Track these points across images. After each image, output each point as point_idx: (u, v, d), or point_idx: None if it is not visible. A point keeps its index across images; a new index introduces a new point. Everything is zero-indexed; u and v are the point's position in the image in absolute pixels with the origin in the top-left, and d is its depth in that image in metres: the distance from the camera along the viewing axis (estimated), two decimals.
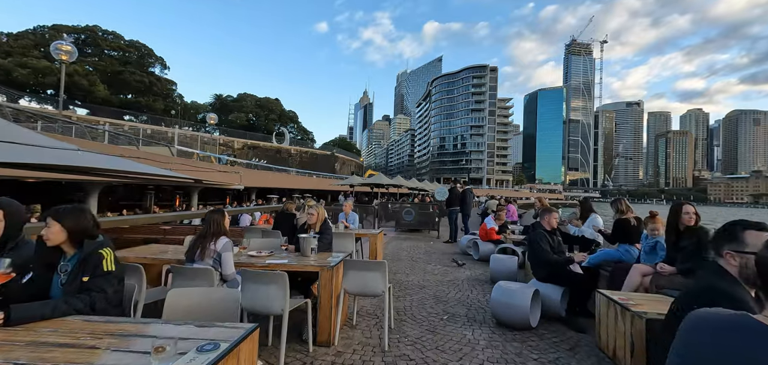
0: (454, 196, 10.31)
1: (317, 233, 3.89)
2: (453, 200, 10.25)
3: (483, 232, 7.44)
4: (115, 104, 51.25)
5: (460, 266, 6.61)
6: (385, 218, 12.47)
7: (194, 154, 18.81)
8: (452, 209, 10.21)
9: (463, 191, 10.65)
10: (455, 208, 10.22)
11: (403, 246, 8.92)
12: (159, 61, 61.60)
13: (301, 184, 31.96)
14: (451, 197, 10.33)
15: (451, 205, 10.25)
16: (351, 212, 6.48)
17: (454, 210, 10.20)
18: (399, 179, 29.49)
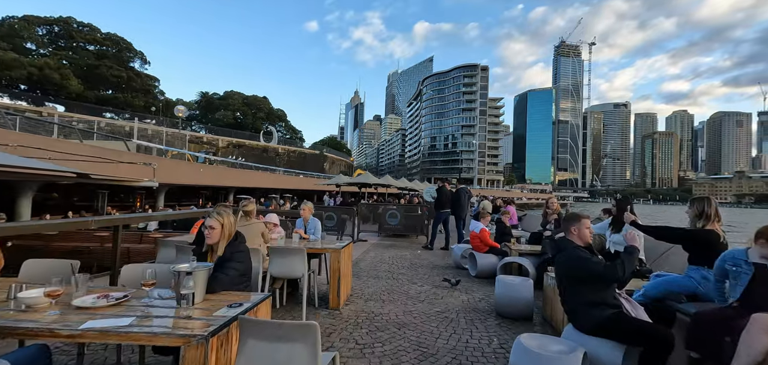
0: (443, 197, 8.91)
1: (220, 259, 2.36)
2: (443, 202, 8.86)
3: (475, 240, 6.01)
4: (91, 100, 48.63)
5: (453, 286, 5.14)
6: (372, 220, 10.96)
7: (154, 149, 17.01)
8: (442, 211, 8.81)
9: (456, 191, 9.23)
10: (445, 211, 8.80)
11: (384, 257, 7.43)
12: (138, 56, 58.95)
13: (283, 183, 30.26)
14: (440, 199, 8.94)
15: (441, 207, 8.83)
16: (311, 219, 4.95)
17: (443, 213, 8.81)
18: (387, 179, 28.09)
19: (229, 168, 25.82)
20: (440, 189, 9.21)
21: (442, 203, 8.87)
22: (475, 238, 6.02)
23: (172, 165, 15.69)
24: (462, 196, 9.16)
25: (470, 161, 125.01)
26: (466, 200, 9.35)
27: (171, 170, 15.35)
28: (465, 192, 9.36)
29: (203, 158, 30.41)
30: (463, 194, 9.25)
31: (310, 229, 4.85)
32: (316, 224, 4.92)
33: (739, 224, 55.26)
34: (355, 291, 4.83)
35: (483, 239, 5.89)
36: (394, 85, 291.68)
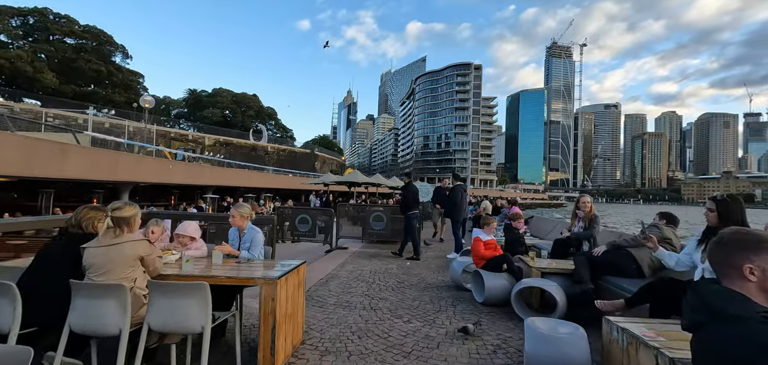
0: (410, 196, 7.44)
1: None
2: (410, 203, 7.38)
3: (476, 254, 4.55)
4: (68, 95, 46.21)
5: (472, 334, 3.29)
6: (359, 223, 9.41)
7: (112, 142, 15.21)
8: (411, 214, 7.36)
9: (452, 189, 7.80)
10: (414, 213, 7.38)
11: (363, 271, 5.91)
12: (120, 50, 56.50)
13: (268, 182, 28.59)
14: (407, 199, 7.42)
15: (408, 209, 7.38)
16: (248, 228, 3.39)
17: (412, 216, 7.36)
18: (378, 178, 26.64)
19: (208, 166, 24.05)
20: (406, 186, 7.60)
21: (409, 204, 7.34)
22: (476, 249, 4.56)
23: (133, 161, 14.00)
24: (458, 195, 7.71)
25: (464, 161, 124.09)
26: (463, 200, 7.87)
27: (132, 167, 13.66)
28: (462, 190, 7.83)
29: (182, 155, 28.59)
30: (460, 192, 7.77)
31: (245, 243, 3.31)
32: (255, 236, 3.38)
33: None
34: (312, 331, 3.33)
35: (482, 252, 4.45)
36: (388, 85, 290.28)
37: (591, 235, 4.64)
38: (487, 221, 4.79)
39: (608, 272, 3.67)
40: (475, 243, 4.56)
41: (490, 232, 4.65)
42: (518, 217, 5.61)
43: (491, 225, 4.76)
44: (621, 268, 3.57)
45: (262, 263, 3.15)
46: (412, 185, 7.63)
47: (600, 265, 3.70)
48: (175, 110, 72.45)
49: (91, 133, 14.01)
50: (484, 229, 4.70)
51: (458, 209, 7.62)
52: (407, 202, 7.32)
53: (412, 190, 7.53)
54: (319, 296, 4.46)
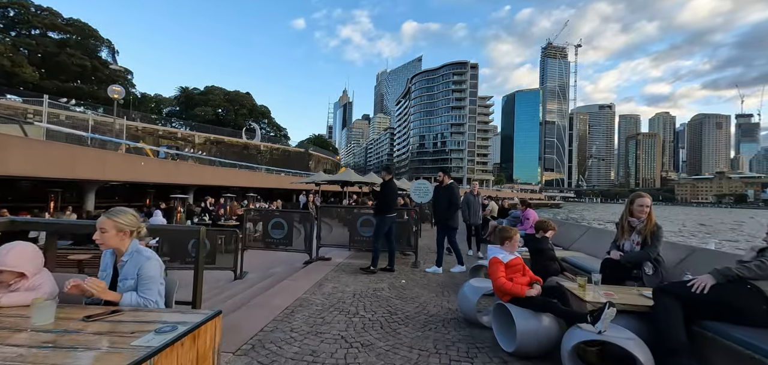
0: (390, 196, 6.06)
1: None
2: (389, 204, 6.00)
3: (498, 284, 3.11)
4: (50, 91, 44.30)
5: None
6: (346, 226, 7.98)
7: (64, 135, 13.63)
8: (387, 217, 5.95)
9: (446, 188, 6.27)
10: (391, 216, 6.05)
11: (344, 295, 4.54)
12: (105, 44, 54.50)
13: (258, 182, 27.12)
14: (386, 199, 5.99)
15: (386, 211, 5.97)
16: (132, 254, 2.00)
17: (388, 220, 5.95)
18: (372, 177, 25.34)
19: (187, 163, 22.52)
20: (386, 185, 6.02)
21: (389, 205, 5.92)
22: (497, 280, 3.14)
23: (96, 157, 12.50)
24: (452, 193, 6.10)
25: (460, 161, 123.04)
26: (457, 198, 6.30)
27: (95, 164, 12.17)
28: (454, 189, 6.25)
29: (164, 153, 27.02)
30: (454, 190, 6.19)
31: (127, 277, 1.94)
32: (144, 265, 1.98)
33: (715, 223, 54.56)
34: None
35: (506, 285, 3.05)
36: (383, 85, 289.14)
37: (656, 256, 3.32)
38: (507, 234, 3.34)
39: (717, 316, 2.36)
40: (494, 267, 3.19)
41: (513, 249, 3.29)
42: (548, 225, 4.25)
43: (514, 239, 3.34)
44: (742, 311, 2.25)
45: (147, 314, 1.78)
46: (393, 184, 6.14)
47: (702, 305, 2.38)
48: (167, 108, 70.93)
49: (45, 124, 12.47)
50: (504, 245, 3.31)
51: (452, 211, 6.07)
52: (387, 203, 5.89)
53: (393, 189, 6.15)
54: (274, 343, 3.08)
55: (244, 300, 4.48)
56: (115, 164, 13.18)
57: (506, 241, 3.31)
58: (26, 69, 42.35)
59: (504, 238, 3.33)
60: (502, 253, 3.19)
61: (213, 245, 6.77)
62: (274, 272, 6.84)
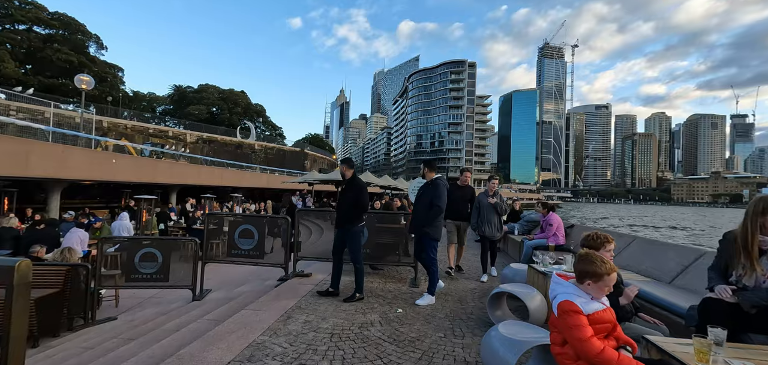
0: (363, 198, 4.65)
1: None
2: (361, 202, 4.59)
3: (583, 347, 1.70)
4: (36, 87, 42.69)
5: None
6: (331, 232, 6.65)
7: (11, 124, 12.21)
8: (357, 227, 4.58)
9: (431, 185, 4.64)
10: (361, 225, 4.68)
11: (318, 338, 3.23)
12: (93, 39, 52.82)
13: (248, 181, 25.79)
14: (358, 198, 4.56)
15: (356, 219, 4.55)
16: None
17: (358, 230, 4.59)
18: (368, 176, 24.12)
19: (166, 162, 21.16)
20: (351, 183, 4.61)
21: (360, 209, 4.54)
22: (580, 343, 1.73)
23: (55, 153, 11.14)
24: (438, 193, 4.51)
25: (458, 161, 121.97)
26: (441, 202, 4.56)
27: (55, 160, 10.82)
28: (442, 184, 4.68)
29: (148, 150, 25.64)
30: (441, 190, 4.57)
31: None
32: None
33: None
34: None
35: (593, 350, 1.74)
36: (381, 85, 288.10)
37: None
38: (595, 266, 1.88)
39: None
40: (572, 320, 1.79)
41: (602, 292, 1.98)
42: (603, 238, 2.92)
43: (607, 279, 1.88)
44: None
45: None
46: (360, 180, 4.77)
47: None
48: (161, 107, 69.72)
49: None
50: (586, 284, 1.90)
51: (433, 216, 4.45)
52: (360, 203, 4.51)
53: (362, 188, 4.67)
54: None
55: (179, 343, 3.22)
56: (80, 162, 11.81)
57: (592, 279, 1.88)
58: (8, 64, 40.66)
59: (588, 272, 1.89)
60: (580, 296, 1.89)
61: (166, 258, 5.50)
62: (240, 292, 5.58)
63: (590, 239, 2.72)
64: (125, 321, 5.45)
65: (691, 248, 3.70)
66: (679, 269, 3.36)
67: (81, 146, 13.95)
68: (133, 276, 5.45)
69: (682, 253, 3.61)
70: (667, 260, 3.69)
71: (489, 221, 5.60)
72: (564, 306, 1.84)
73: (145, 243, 5.53)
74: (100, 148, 18.96)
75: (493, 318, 3.61)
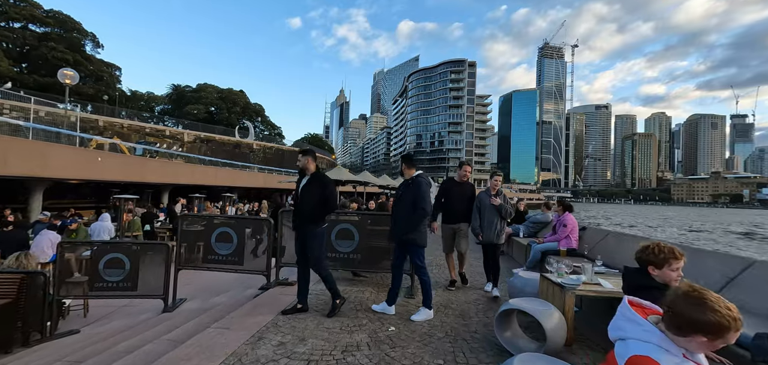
0: (330, 197, 3.95)
1: None
2: (328, 201, 3.93)
3: None
4: (30, 86, 42.13)
5: None
6: None
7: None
8: (319, 230, 3.91)
9: (411, 183, 4.06)
10: (321, 229, 3.93)
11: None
12: (89, 38, 52.23)
13: (242, 181, 25.23)
14: (325, 196, 3.91)
15: (317, 219, 3.91)
16: None
17: (319, 233, 3.91)
18: (366, 175, 23.64)
19: (156, 161, 20.60)
20: (316, 177, 3.95)
21: (326, 209, 3.93)
22: None
23: (35, 150, 10.57)
24: (420, 193, 3.90)
25: (457, 160, 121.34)
26: (425, 203, 3.96)
27: (35, 158, 10.24)
28: (427, 184, 4.10)
29: (141, 149, 25.11)
30: (423, 189, 3.97)
31: None
32: None
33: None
34: None
35: None
36: (380, 85, 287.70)
37: None
38: (694, 314, 1.15)
39: None
40: None
41: (703, 348, 1.16)
42: (672, 255, 2.18)
43: (730, 336, 1.15)
44: None
45: None
46: (324, 176, 4.04)
47: None
48: (159, 106, 69.41)
49: None
50: (690, 339, 1.16)
51: (418, 219, 3.84)
52: (330, 200, 3.89)
53: (327, 181, 3.99)
54: None
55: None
56: (62, 160, 11.23)
57: (708, 334, 1.15)
58: (2, 62, 40.08)
59: (704, 324, 1.14)
60: (669, 350, 1.16)
61: (135, 264, 4.94)
62: (217, 302, 5.02)
63: (649, 252, 2.09)
64: (87, 334, 4.89)
65: (736, 256, 3.14)
66: (723, 282, 2.79)
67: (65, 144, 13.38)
68: (96, 284, 4.89)
69: (725, 262, 3.04)
70: (706, 270, 3.13)
71: (490, 223, 4.78)
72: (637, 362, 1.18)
73: (111, 248, 4.96)
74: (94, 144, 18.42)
75: (503, 341, 3.05)
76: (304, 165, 4.05)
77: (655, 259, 2.02)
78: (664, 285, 1.97)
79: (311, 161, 4.06)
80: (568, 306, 3.11)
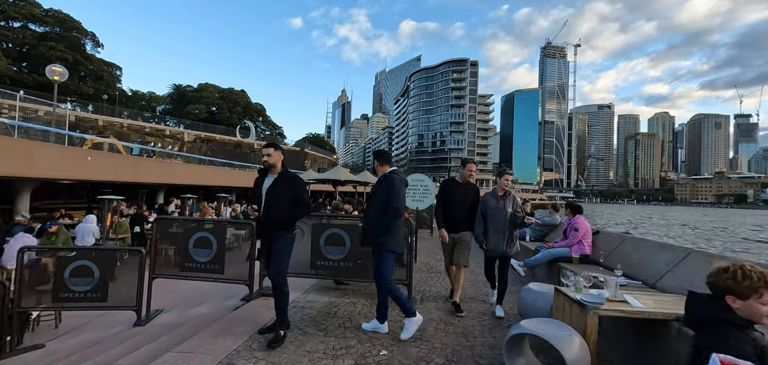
0: (303, 198, 3.44)
1: None
2: (304, 200, 3.45)
3: None
4: (29, 85, 41.91)
5: None
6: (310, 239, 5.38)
7: None
8: (287, 238, 3.36)
9: (384, 179, 3.55)
10: (292, 236, 3.41)
11: None
12: (89, 37, 51.98)
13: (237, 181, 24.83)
14: (297, 196, 3.38)
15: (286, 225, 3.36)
16: None
17: (288, 240, 3.38)
18: (366, 175, 23.19)
19: (147, 160, 20.22)
20: (285, 177, 3.40)
21: (300, 203, 3.39)
22: None
23: (18, 148, 10.14)
24: (393, 192, 3.41)
25: (459, 160, 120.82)
26: (398, 202, 3.47)
27: (14, 156, 9.81)
28: (400, 182, 3.54)
29: (139, 149, 24.76)
30: (397, 187, 3.45)
31: None
32: None
33: None
34: None
35: None
36: (382, 84, 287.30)
37: None
38: None
39: None
40: None
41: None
42: (763, 282, 1.47)
43: None
44: None
45: None
46: (292, 175, 3.46)
47: None
48: (161, 106, 69.52)
49: None
50: None
51: (390, 221, 3.37)
52: (303, 201, 3.42)
53: (297, 179, 3.49)
54: None
55: None
56: (48, 159, 10.81)
57: None
58: (0, 61, 39.83)
59: None
60: None
61: (105, 272, 4.49)
62: (194, 315, 4.56)
63: (730, 277, 1.55)
64: (52, 350, 4.46)
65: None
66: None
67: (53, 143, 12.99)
68: (61, 294, 4.44)
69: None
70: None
71: (497, 230, 4.08)
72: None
73: (77, 255, 4.51)
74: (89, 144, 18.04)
75: None
76: (275, 162, 3.39)
77: (739, 287, 1.51)
78: (749, 323, 1.49)
79: (280, 157, 3.46)
80: (590, 329, 2.63)
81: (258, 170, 3.55)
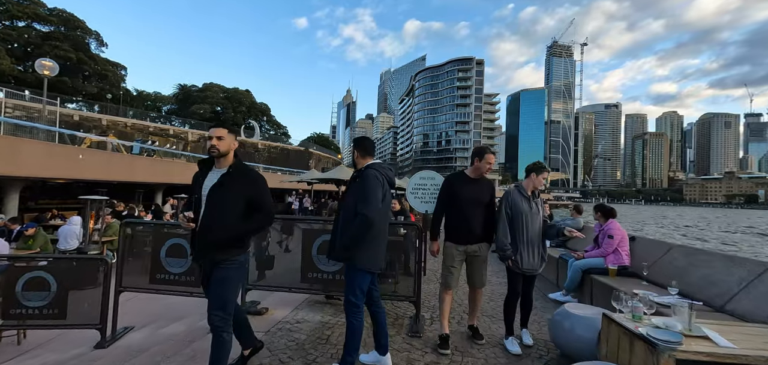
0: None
1: None
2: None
3: None
4: (32, 84, 41.88)
5: None
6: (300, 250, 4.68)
7: None
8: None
9: (357, 175, 2.72)
10: None
11: None
12: (93, 36, 51.96)
13: None
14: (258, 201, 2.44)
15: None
16: None
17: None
18: None
19: (153, 159, 19.75)
20: (242, 172, 2.45)
21: (261, 209, 2.42)
22: None
23: (7, 146, 9.63)
24: (366, 191, 2.54)
25: (465, 160, 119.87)
26: (370, 204, 2.54)
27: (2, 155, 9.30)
28: (375, 179, 2.61)
29: (138, 148, 24.33)
30: (370, 185, 2.56)
31: None
32: None
33: None
34: None
35: None
36: (387, 84, 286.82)
37: None
38: None
39: None
40: None
41: None
42: None
43: None
44: None
45: None
46: (252, 172, 2.51)
47: None
48: (166, 106, 69.90)
49: None
50: None
51: (356, 230, 2.51)
52: (264, 207, 2.43)
53: (258, 178, 2.50)
54: None
55: None
56: (35, 156, 10.31)
57: None
58: (4, 60, 39.80)
59: None
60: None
61: (63, 286, 3.87)
62: (167, 335, 3.92)
63: None
64: None
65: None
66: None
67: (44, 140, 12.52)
68: (12, 310, 3.82)
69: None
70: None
71: (531, 242, 3.18)
72: None
73: (31, 266, 3.89)
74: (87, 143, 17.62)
75: None
76: (226, 150, 2.41)
77: None
78: None
79: (234, 144, 2.50)
80: None
81: (198, 162, 2.52)
